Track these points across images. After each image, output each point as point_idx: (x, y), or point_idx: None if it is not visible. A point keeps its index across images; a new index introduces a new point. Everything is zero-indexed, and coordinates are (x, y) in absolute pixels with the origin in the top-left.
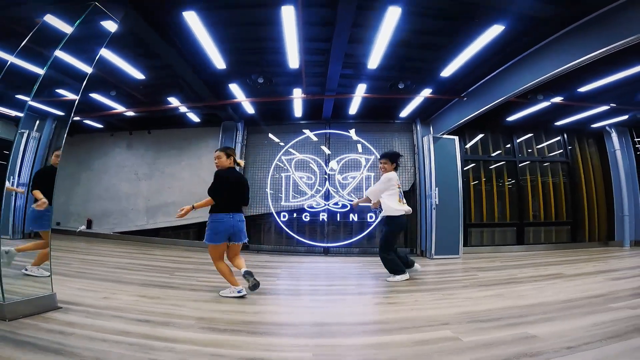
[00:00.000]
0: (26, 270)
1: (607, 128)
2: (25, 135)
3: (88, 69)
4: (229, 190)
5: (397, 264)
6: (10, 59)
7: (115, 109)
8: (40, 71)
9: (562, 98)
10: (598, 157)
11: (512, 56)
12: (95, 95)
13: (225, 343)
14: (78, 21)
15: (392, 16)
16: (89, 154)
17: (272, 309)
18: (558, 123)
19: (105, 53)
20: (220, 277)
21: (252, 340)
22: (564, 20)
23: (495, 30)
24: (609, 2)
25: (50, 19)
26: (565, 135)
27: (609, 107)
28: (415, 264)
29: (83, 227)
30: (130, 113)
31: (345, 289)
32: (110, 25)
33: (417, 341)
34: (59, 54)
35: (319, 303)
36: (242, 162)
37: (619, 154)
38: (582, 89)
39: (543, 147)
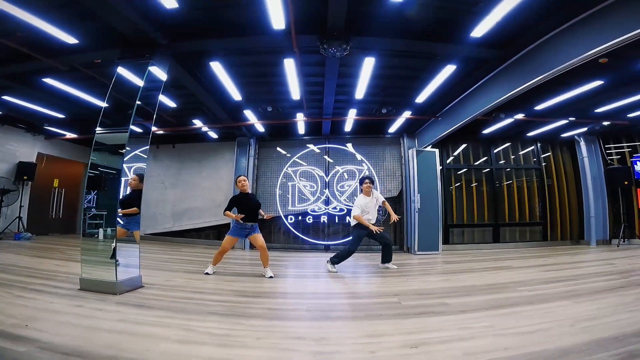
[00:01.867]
0: None
1: (576, 137)
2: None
3: (151, 110)
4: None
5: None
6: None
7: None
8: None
9: (523, 115)
10: (570, 163)
11: (470, 86)
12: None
13: (252, 302)
14: (145, 75)
15: (369, 62)
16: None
17: (283, 285)
18: (530, 134)
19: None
20: (242, 265)
21: (268, 300)
22: (502, 58)
23: (449, 69)
24: (532, 42)
25: (121, 71)
26: (538, 145)
27: (568, 120)
28: (392, 265)
29: None
30: (160, 132)
31: (338, 274)
32: (161, 74)
33: (373, 302)
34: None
35: (316, 282)
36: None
37: (586, 160)
38: (539, 107)
39: (519, 155)
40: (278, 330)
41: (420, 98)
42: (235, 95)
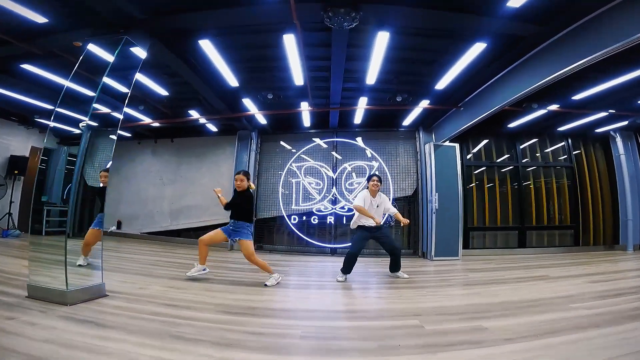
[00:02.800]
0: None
1: (611, 133)
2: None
3: (126, 90)
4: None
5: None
6: (66, 83)
7: (143, 121)
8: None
9: (558, 106)
10: (604, 161)
11: (500, 69)
12: (126, 110)
13: (234, 323)
14: (116, 52)
15: (382, 38)
16: (119, 161)
17: (279, 298)
18: (561, 128)
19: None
20: (239, 271)
21: (254, 320)
22: (542, 36)
23: (478, 47)
24: (576, 20)
25: (92, 48)
26: (569, 140)
27: (608, 113)
28: (402, 274)
29: (114, 228)
30: (156, 124)
31: (346, 284)
32: (140, 52)
33: (388, 327)
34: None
35: (318, 295)
36: (253, 186)
37: (623, 158)
38: (577, 97)
39: (548, 152)
40: None
41: (441, 84)
42: (232, 80)
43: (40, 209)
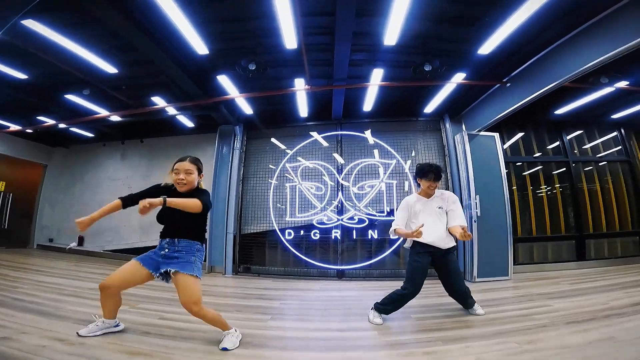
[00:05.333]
0: None
1: None
2: None
3: None
4: None
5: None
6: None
7: (99, 113)
8: None
9: (627, 83)
10: None
11: (567, 31)
12: (69, 97)
13: None
14: None
15: None
16: (84, 166)
17: None
18: (615, 116)
19: (65, 43)
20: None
21: None
22: None
23: None
24: None
25: None
26: (622, 130)
27: None
28: (478, 308)
29: (74, 244)
30: (116, 117)
31: (367, 334)
32: None
33: None
34: None
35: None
36: (202, 183)
37: None
38: None
39: (597, 144)
40: None
41: (485, 49)
42: (198, 45)
43: None
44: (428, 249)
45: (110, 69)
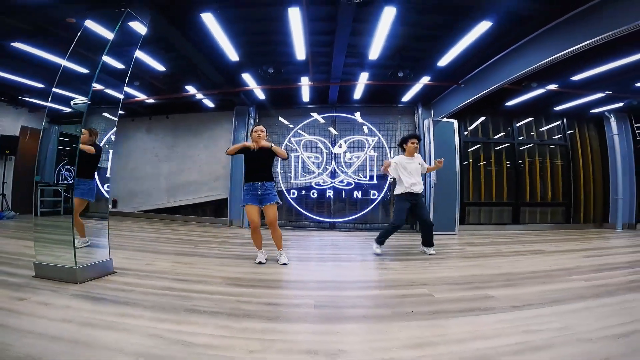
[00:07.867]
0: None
1: (606, 114)
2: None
3: (122, 66)
4: None
5: (383, 234)
6: (63, 62)
7: (138, 97)
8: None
9: (557, 86)
10: (597, 141)
11: (504, 48)
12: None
13: (247, 295)
14: (117, 27)
15: (389, 14)
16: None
17: (285, 271)
18: (557, 108)
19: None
20: (240, 246)
21: (267, 292)
22: (548, 16)
23: (484, 26)
24: (583, 3)
25: (90, 24)
26: (564, 120)
27: (605, 94)
28: (431, 250)
29: (109, 207)
30: (152, 100)
31: (348, 257)
32: (140, 28)
33: (398, 295)
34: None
35: (323, 268)
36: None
37: (616, 138)
38: (576, 78)
39: (543, 131)
40: (279, 338)
41: (444, 61)
42: (232, 55)
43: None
44: (407, 197)
45: (160, 67)
